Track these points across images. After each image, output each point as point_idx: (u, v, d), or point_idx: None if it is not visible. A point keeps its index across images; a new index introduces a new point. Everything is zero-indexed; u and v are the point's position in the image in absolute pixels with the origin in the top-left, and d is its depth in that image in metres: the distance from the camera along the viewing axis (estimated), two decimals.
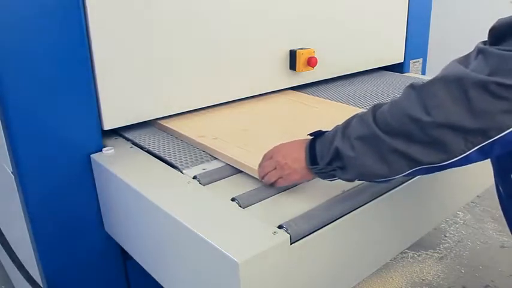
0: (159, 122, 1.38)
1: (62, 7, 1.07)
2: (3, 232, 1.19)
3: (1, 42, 1.01)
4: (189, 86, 1.40)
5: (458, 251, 2.09)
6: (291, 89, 1.74)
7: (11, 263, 1.21)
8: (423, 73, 2.22)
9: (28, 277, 1.21)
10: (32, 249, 1.21)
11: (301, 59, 1.61)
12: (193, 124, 1.37)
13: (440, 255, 2.05)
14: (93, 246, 1.26)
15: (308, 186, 1.02)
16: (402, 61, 2.11)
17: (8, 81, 1.04)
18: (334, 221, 0.92)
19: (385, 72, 2.10)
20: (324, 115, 1.47)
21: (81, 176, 1.19)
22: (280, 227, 0.85)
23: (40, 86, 1.08)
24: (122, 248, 1.26)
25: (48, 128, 1.11)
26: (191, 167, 1.12)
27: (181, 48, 1.35)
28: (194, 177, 1.07)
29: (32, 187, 1.13)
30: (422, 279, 1.90)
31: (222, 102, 1.51)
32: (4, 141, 1.12)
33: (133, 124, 1.32)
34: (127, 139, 1.31)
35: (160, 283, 1.06)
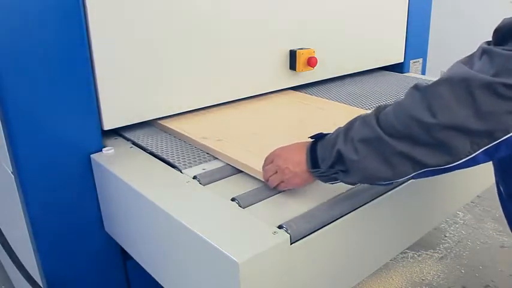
0: (159, 122, 1.38)
1: (62, 7, 1.07)
2: (3, 232, 1.19)
3: (1, 42, 1.01)
4: (189, 86, 1.40)
5: (458, 251, 2.09)
6: (291, 89, 1.74)
7: (11, 263, 1.20)
8: (423, 73, 2.22)
9: (28, 277, 1.21)
10: (32, 249, 1.21)
11: (301, 59, 1.61)
12: (194, 124, 1.37)
13: (440, 255, 2.05)
14: (93, 246, 1.26)
15: (308, 186, 1.02)
16: (402, 61, 2.11)
17: (8, 81, 1.04)
18: (334, 221, 0.92)
19: (385, 72, 2.10)
20: (330, 116, 1.45)
21: (81, 176, 1.19)
22: (280, 227, 0.85)
23: (40, 86, 1.08)
24: (122, 248, 1.26)
25: (48, 128, 1.11)
26: (191, 167, 1.12)
27: (182, 48, 1.35)
28: (194, 177, 1.07)
29: (32, 187, 1.13)
30: (422, 279, 1.90)
31: (222, 102, 1.51)
32: (4, 141, 1.12)
33: (133, 124, 1.32)
34: (127, 139, 1.31)
35: (160, 283, 1.06)
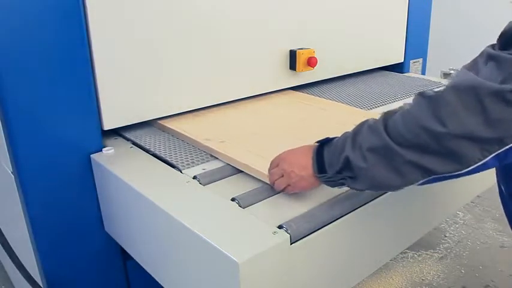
0: (159, 122, 1.38)
1: (62, 7, 1.07)
2: (3, 232, 1.19)
3: (1, 42, 1.01)
4: (189, 86, 1.40)
5: (458, 251, 2.08)
6: (291, 89, 1.74)
7: (11, 263, 1.20)
8: (423, 73, 2.22)
9: (28, 277, 1.21)
10: (32, 249, 1.21)
11: (301, 59, 1.61)
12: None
13: (440, 255, 2.05)
14: (93, 246, 1.26)
15: None
16: (402, 61, 2.11)
17: (8, 81, 1.04)
18: (334, 221, 0.92)
19: (385, 72, 2.10)
20: (331, 117, 1.45)
21: (81, 176, 1.19)
22: (280, 227, 0.85)
23: (40, 86, 1.08)
24: (122, 248, 1.26)
25: (48, 128, 1.11)
26: (191, 167, 1.12)
27: (182, 48, 1.35)
28: (194, 177, 1.07)
29: (32, 187, 1.13)
30: (422, 279, 1.90)
31: (222, 102, 1.51)
32: (4, 141, 1.12)
33: (133, 124, 1.32)
34: (127, 139, 1.31)
35: (161, 283, 1.06)
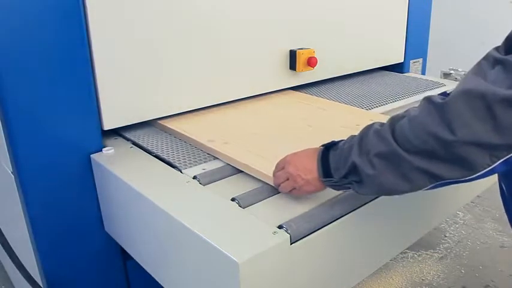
0: (159, 122, 1.38)
1: (62, 7, 1.07)
2: (3, 232, 1.19)
3: (1, 42, 1.01)
4: (189, 86, 1.40)
5: (458, 251, 2.08)
6: (291, 89, 1.74)
7: (11, 263, 1.20)
8: (423, 73, 2.22)
9: (28, 277, 1.21)
10: (32, 249, 1.21)
11: (301, 59, 1.61)
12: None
13: (440, 255, 2.05)
14: (93, 246, 1.26)
15: None
16: (402, 61, 2.11)
17: (8, 81, 1.04)
18: (334, 221, 0.92)
19: (385, 72, 2.10)
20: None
21: (81, 176, 1.19)
22: (280, 227, 0.85)
23: (40, 86, 1.08)
24: (122, 248, 1.26)
25: (48, 128, 1.11)
26: (191, 167, 1.12)
27: (182, 48, 1.35)
28: (194, 177, 1.07)
29: (32, 187, 1.13)
30: (422, 279, 1.90)
31: (222, 102, 1.51)
32: (4, 141, 1.12)
33: (133, 124, 1.32)
34: (127, 139, 1.31)
35: (161, 283, 1.06)
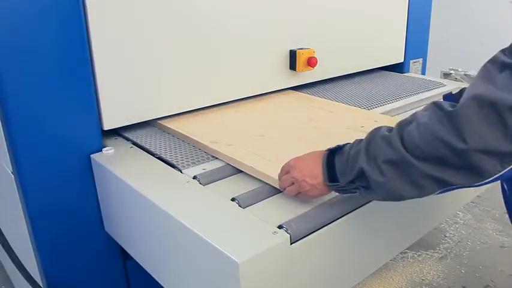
0: (159, 122, 1.38)
1: (62, 7, 1.07)
2: (3, 232, 1.19)
3: (1, 42, 1.01)
4: (189, 86, 1.40)
5: (458, 251, 2.09)
6: (291, 89, 1.74)
7: (11, 263, 1.21)
8: (423, 73, 2.22)
9: (28, 277, 1.21)
10: (32, 249, 1.21)
11: (301, 59, 1.61)
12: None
13: (440, 255, 2.05)
14: (93, 246, 1.26)
15: None
16: (402, 61, 2.11)
17: (8, 81, 1.04)
18: (334, 221, 0.92)
19: (385, 72, 2.10)
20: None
21: (81, 176, 1.19)
22: (280, 227, 0.85)
23: (40, 86, 1.08)
24: (122, 248, 1.26)
25: (48, 128, 1.11)
26: (191, 167, 1.12)
27: (182, 48, 1.35)
28: (194, 177, 1.07)
29: (32, 187, 1.13)
30: (422, 279, 1.90)
31: (222, 102, 1.51)
32: (4, 141, 1.12)
33: (133, 124, 1.32)
34: (127, 139, 1.31)
35: (161, 283, 1.06)
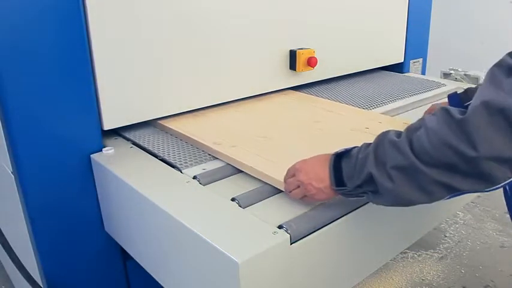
0: (159, 122, 1.38)
1: (62, 7, 1.07)
2: (3, 232, 1.19)
3: (1, 42, 1.01)
4: (189, 86, 1.40)
5: (458, 251, 2.09)
6: (291, 89, 1.74)
7: (11, 263, 1.21)
8: (423, 73, 2.22)
9: (28, 277, 1.21)
10: (32, 249, 1.21)
11: (301, 59, 1.61)
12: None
13: (440, 255, 2.05)
14: (93, 246, 1.26)
15: None
16: (402, 61, 2.11)
17: (8, 81, 1.04)
18: (334, 221, 0.92)
19: (385, 72, 2.10)
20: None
21: (81, 176, 1.19)
22: (280, 227, 0.85)
23: (40, 86, 1.08)
24: (122, 248, 1.26)
25: (48, 128, 1.11)
26: (191, 167, 1.12)
27: (182, 48, 1.35)
28: (194, 177, 1.07)
29: (32, 187, 1.13)
30: (422, 279, 1.90)
31: (222, 102, 1.51)
32: (4, 141, 1.12)
33: (133, 124, 1.32)
34: (127, 139, 1.31)
35: (160, 283, 1.06)
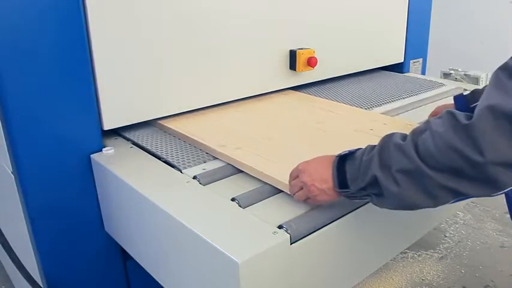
0: (159, 122, 1.38)
1: (62, 7, 1.07)
2: (3, 232, 1.19)
3: (1, 42, 1.01)
4: (189, 86, 1.40)
5: (458, 251, 2.09)
6: (290, 89, 1.74)
7: (11, 263, 1.21)
8: (423, 73, 2.22)
9: (28, 277, 1.21)
10: (32, 249, 1.21)
11: (301, 59, 1.61)
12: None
13: (440, 255, 2.05)
14: (93, 246, 1.26)
15: None
16: (402, 61, 2.11)
17: (8, 81, 1.04)
18: (334, 221, 0.92)
19: (385, 72, 2.10)
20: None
21: (81, 176, 1.19)
22: (280, 227, 0.85)
23: (40, 86, 1.08)
24: (122, 248, 1.26)
25: (48, 128, 1.11)
26: (191, 167, 1.12)
27: (182, 48, 1.35)
28: (194, 177, 1.07)
29: (32, 187, 1.13)
30: (422, 279, 1.90)
31: (222, 102, 1.51)
32: (4, 141, 1.12)
33: (133, 124, 1.32)
34: (127, 139, 1.31)
35: (160, 283, 1.06)
